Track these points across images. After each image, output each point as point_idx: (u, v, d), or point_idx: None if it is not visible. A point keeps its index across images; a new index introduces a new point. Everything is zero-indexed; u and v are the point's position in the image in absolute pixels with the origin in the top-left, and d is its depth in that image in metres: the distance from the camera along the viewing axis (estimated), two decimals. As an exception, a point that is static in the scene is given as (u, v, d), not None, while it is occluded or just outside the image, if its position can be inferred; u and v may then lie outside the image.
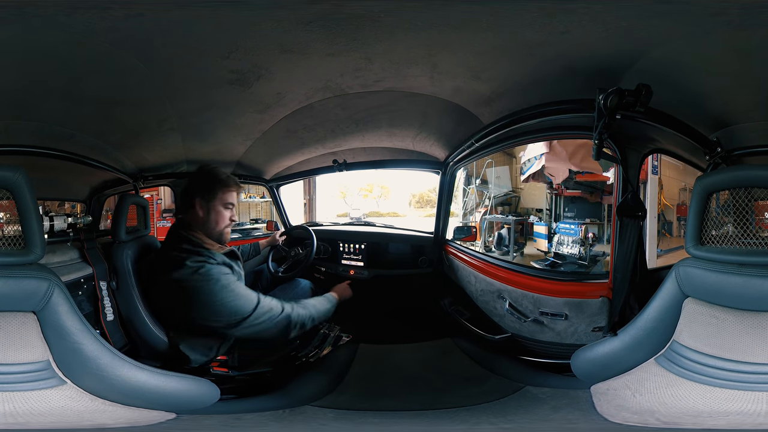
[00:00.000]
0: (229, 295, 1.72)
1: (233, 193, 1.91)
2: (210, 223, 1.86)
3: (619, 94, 1.40)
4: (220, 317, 1.72)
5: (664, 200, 4.22)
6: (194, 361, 1.84)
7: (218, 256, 1.81)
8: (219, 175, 1.90)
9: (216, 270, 1.74)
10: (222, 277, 1.73)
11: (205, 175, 1.92)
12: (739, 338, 1.36)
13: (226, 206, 1.89)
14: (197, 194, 1.88)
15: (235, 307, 1.72)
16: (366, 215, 8.27)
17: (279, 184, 3.46)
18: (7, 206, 1.39)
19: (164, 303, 1.84)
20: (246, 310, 1.73)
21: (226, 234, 1.91)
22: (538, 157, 5.16)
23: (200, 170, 1.95)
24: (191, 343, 1.84)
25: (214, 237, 1.88)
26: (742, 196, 1.40)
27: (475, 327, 2.42)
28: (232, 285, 1.75)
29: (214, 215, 1.86)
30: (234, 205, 1.92)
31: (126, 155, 2.33)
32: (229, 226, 1.91)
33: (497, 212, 6.04)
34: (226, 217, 1.89)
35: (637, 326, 1.58)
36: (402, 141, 2.65)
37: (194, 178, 1.95)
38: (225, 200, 1.89)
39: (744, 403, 1.31)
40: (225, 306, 1.71)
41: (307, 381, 1.90)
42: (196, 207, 1.87)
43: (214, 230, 1.87)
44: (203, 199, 1.87)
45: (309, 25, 1.31)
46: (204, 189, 1.88)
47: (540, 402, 1.65)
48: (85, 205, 2.42)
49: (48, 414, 1.30)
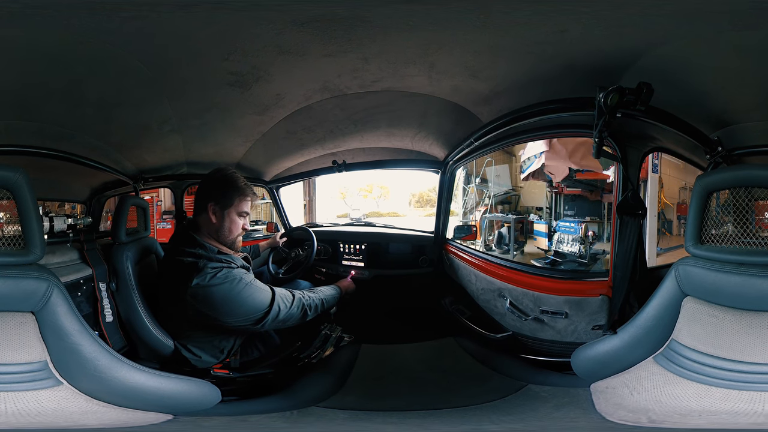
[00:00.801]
0: (254, 292, 1.75)
1: (249, 202, 1.86)
2: (223, 230, 1.81)
3: (619, 92, 1.40)
4: (249, 315, 1.74)
5: (665, 199, 4.22)
6: (206, 363, 1.84)
7: (237, 260, 1.82)
8: (237, 182, 1.83)
9: (237, 272, 1.75)
10: (244, 277, 1.75)
11: (222, 181, 1.83)
12: (737, 338, 1.36)
13: (240, 215, 1.84)
14: (212, 199, 1.81)
15: (259, 302, 1.76)
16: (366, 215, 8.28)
17: (279, 186, 3.47)
18: (7, 206, 1.39)
19: (181, 308, 1.74)
20: (266, 304, 1.77)
21: (239, 242, 1.88)
22: (538, 155, 5.16)
23: (217, 174, 1.86)
24: (202, 345, 1.84)
25: (227, 244, 1.84)
26: (742, 196, 1.40)
27: (476, 326, 2.42)
28: (254, 283, 1.78)
29: (228, 223, 1.81)
30: (249, 213, 1.87)
31: (126, 157, 2.34)
32: (242, 235, 1.88)
33: (497, 211, 6.04)
34: (239, 225, 1.84)
35: (636, 325, 1.58)
36: (401, 141, 2.65)
37: (211, 182, 1.86)
38: (240, 209, 1.83)
39: (738, 403, 1.31)
40: (250, 304, 1.74)
41: (310, 382, 1.89)
42: (209, 212, 1.80)
43: (227, 238, 1.83)
44: (217, 205, 1.80)
45: (302, 26, 1.31)
46: (219, 195, 1.81)
47: (542, 400, 1.65)
48: (85, 206, 2.43)
49: (40, 414, 1.30)
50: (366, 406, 1.70)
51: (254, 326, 1.78)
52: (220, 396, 1.60)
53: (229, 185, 1.82)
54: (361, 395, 1.79)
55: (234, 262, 1.79)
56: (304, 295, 1.93)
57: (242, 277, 1.74)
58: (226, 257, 1.79)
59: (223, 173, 1.85)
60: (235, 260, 1.81)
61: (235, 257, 1.84)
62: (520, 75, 1.68)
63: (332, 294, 2.12)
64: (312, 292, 2.00)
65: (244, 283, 1.73)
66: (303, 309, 1.90)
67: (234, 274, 1.73)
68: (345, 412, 1.61)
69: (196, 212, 1.85)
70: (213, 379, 1.74)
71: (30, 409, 1.31)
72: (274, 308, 1.78)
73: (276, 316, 1.79)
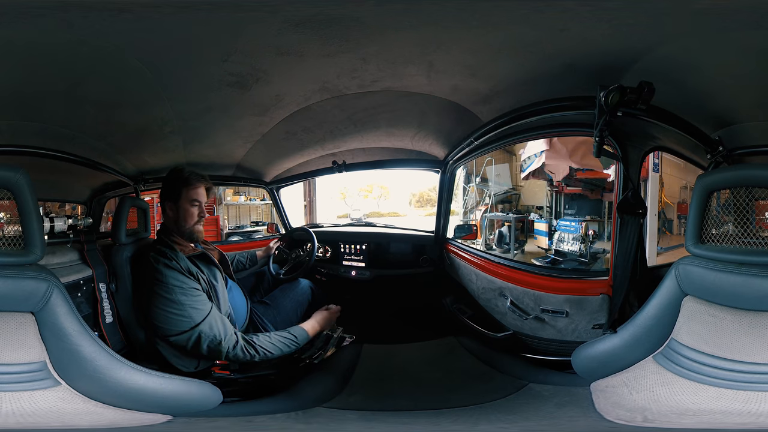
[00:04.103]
0: (172, 305, 1.71)
1: (198, 190, 1.92)
2: (179, 222, 1.90)
3: (620, 91, 1.40)
4: (163, 325, 1.72)
5: (665, 198, 4.22)
6: (183, 367, 1.82)
7: (182, 260, 1.80)
8: (181, 174, 1.93)
9: (170, 275, 1.73)
10: (172, 281, 1.72)
11: (168, 177, 1.96)
12: (736, 337, 1.36)
13: (192, 204, 1.91)
14: (165, 197, 1.93)
15: (174, 320, 1.71)
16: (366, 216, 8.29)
17: (279, 186, 3.47)
18: (8, 206, 1.39)
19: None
20: (183, 326, 1.70)
21: (197, 232, 1.93)
22: (538, 154, 5.16)
23: (167, 173, 1.99)
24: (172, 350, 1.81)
25: (186, 236, 1.91)
26: (742, 196, 1.40)
27: (477, 325, 2.42)
28: (180, 296, 1.72)
29: (182, 213, 1.90)
30: (200, 201, 1.93)
31: (127, 158, 2.34)
32: (199, 223, 1.93)
33: (498, 210, 6.04)
34: (193, 214, 1.91)
35: (636, 324, 1.58)
36: (401, 140, 2.65)
37: (163, 183, 1.99)
38: (190, 197, 1.91)
39: (736, 403, 1.31)
40: (166, 315, 1.71)
41: (313, 383, 1.89)
42: (167, 209, 1.92)
43: (184, 229, 1.90)
44: (170, 200, 1.91)
45: (298, 26, 1.31)
46: (170, 190, 1.92)
47: (544, 399, 1.65)
48: (86, 207, 2.42)
49: (39, 415, 1.30)
50: (371, 406, 1.70)
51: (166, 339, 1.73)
52: (222, 397, 1.59)
53: (174, 178, 1.92)
54: (366, 395, 1.79)
55: (176, 259, 1.77)
56: (254, 342, 1.79)
57: (169, 281, 1.72)
58: (171, 253, 1.79)
59: (170, 172, 1.97)
60: (179, 258, 1.79)
61: (180, 255, 1.80)
62: (520, 74, 1.68)
63: (291, 340, 1.89)
64: (254, 344, 1.80)
65: (167, 289, 1.71)
66: (219, 353, 1.75)
67: (166, 278, 1.72)
68: (353, 412, 1.61)
69: (162, 215, 1.95)
70: (214, 380, 1.73)
71: (28, 409, 1.31)
72: (191, 334, 1.70)
73: (195, 344, 1.69)
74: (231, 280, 2.10)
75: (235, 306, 2.02)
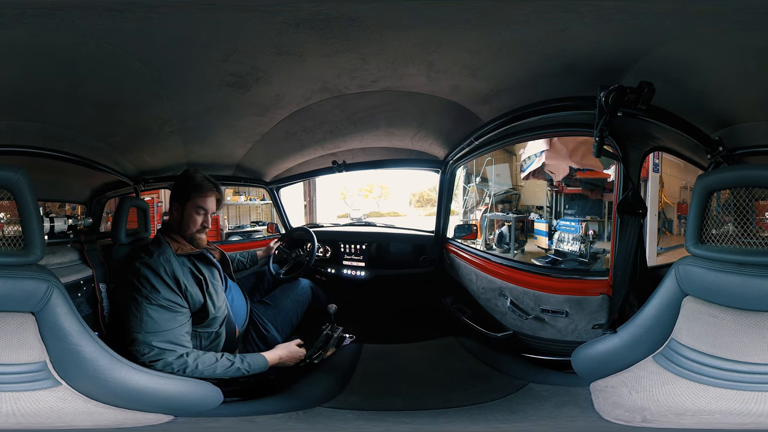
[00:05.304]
0: (134, 303, 1.66)
1: (207, 199, 1.87)
2: (182, 226, 1.86)
3: (620, 91, 1.40)
4: (128, 322, 1.67)
5: (665, 198, 4.22)
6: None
7: (170, 263, 1.74)
8: (194, 179, 1.88)
9: (145, 275, 1.68)
10: (143, 281, 1.67)
11: (181, 179, 1.92)
12: (736, 338, 1.36)
13: (197, 210, 1.86)
14: (174, 197, 1.90)
15: (134, 323, 1.65)
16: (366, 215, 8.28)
17: (279, 186, 3.47)
18: (8, 206, 1.39)
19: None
20: (134, 328, 1.63)
21: (198, 239, 1.87)
22: (538, 154, 5.16)
23: (182, 173, 1.95)
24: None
25: (186, 239, 1.87)
26: (742, 196, 1.40)
27: (477, 325, 2.42)
28: (153, 299, 1.66)
29: (186, 218, 1.86)
30: (207, 210, 1.87)
31: (127, 158, 2.34)
32: (202, 232, 1.88)
33: (498, 210, 6.04)
34: (197, 222, 1.86)
35: (636, 324, 1.58)
36: (401, 140, 2.65)
37: (175, 182, 1.97)
38: (197, 204, 1.86)
39: (735, 403, 1.31)
40: (129, 312, 1.67)
41: (314, 382, 1.89)
42: (173, 209, 1.89)
43: (185, 233, 1.86)
44: (178, 202, 1.88)
45: (298, 26, 1.31)
46: (179, 192, 1.89)
47: (543, 399, 1.65)
48: (86, 207, 2.42)
49: (39, 415, 1.30)
50: (371, 406, 1.70)
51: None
52: (222, 397, 1.59)
53: (187, 182, 1.89)
54: (366, 395, 1.79)
55: (159, 260, 1.72)
56: (198, 360, 1.67)
57: (144, 284, 1.67)
58: (160, 249, 1.76)
59: (185, 172, 1.93)
60: (167, 258, 1.74)
61: (171, 255, 1.77)
62: (521, 74, 1.68)
63: (239, 369, 1.75)
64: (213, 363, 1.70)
65: (135, 287, 1.67)
66: (183, 366, 1.63)
67: (136, 272, 1.69)
68: (353, 412, 1.61)
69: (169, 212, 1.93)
70: (214, 380, 1.73)
71: (29, 409, 1.31)
72: (135, 337, 1.61)
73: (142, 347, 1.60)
74: (231, 280, 2.09)
75: (235, 306, 2.02)
